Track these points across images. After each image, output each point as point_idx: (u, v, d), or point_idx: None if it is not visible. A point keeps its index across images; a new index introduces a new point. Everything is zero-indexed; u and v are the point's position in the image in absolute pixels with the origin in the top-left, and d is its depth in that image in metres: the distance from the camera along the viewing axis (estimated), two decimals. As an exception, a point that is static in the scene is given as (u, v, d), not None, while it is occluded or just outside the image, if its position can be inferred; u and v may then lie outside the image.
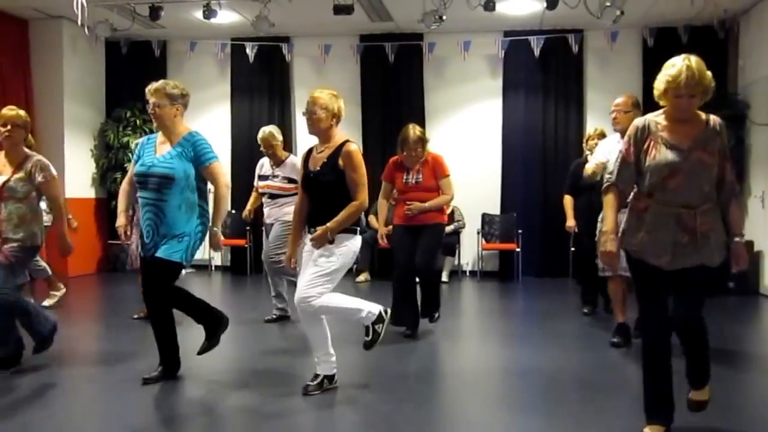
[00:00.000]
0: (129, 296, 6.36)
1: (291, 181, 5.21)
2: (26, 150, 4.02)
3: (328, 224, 3.33)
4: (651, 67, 7.78)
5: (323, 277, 3.33)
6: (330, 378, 3.51)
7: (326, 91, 3.47)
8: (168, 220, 3.52)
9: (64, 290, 6.14)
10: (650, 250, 2.75)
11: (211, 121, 9.02)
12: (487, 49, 8.41)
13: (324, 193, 3.43)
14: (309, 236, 3.43)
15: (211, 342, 3.75)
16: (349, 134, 9.05)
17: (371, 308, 3.45)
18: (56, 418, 3.22)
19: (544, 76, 8.43)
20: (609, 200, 2.85)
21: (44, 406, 3.38)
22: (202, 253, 8.92)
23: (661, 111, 2.82)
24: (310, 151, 3.58)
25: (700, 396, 2.93)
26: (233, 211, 8.65)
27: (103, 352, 4.61)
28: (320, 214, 3.40)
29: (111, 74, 9.03)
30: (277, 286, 5.42)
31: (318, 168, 3.44)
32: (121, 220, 3.78)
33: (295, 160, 5.29)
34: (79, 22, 5.69)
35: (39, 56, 8.17)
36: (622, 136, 4.20)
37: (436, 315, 4.99)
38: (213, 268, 8.98)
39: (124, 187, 3.86)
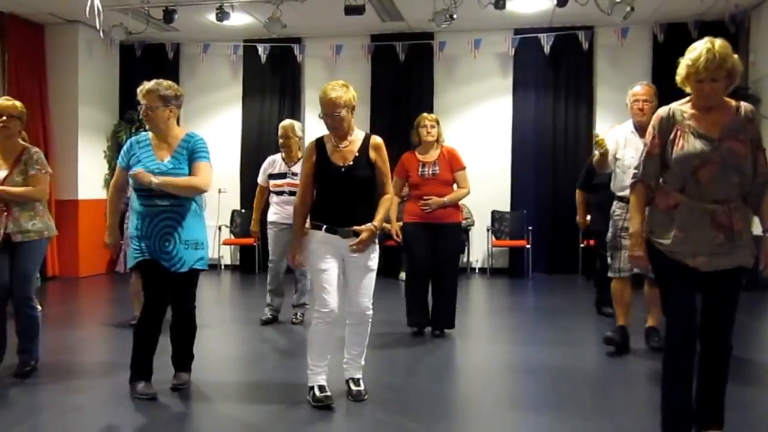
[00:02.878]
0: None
1: None
2: (22, 142, 3.88)
3: (374, 223, 3.25)
4: (661, 63, 7.80)
5: (374, 281, 3.36)
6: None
7: (337, 84, 3.28)
8: (187, 224, 3.41)
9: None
10: (686, 250, 2.56)
11: (223, 122, 9.14)
12: (497, 47, 8.44)
13: (357, 189, 3.29)
14: (326, 236, 3.25)
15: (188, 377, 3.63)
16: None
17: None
18: (65, 420, 3.25)
19: (554, 74, 8.44)
20: (636, 199, 2.70)
21: (49, 410, 3.39)
22: (213, 252, 9.04)
23: (686, 99, 2.66)
24: (321, 144, 3.37)
25: None
26: (242, 211, 8.75)
27: (108, 356, 4.68)
28: (350, 211, 3.27)
29: (125, 77, 9.13)
30: (299, 283, 5.30)
31: (350, 162, 3.29)
32: (113, 237, 3.54)
33: None
34: (97, 26, 5.77)
35: (55, 60, 8.30)
36: (639, 129, 4.11)
37: (447, 331, 4.83)
38: (222, 266, 9.08)
39: (113, 195, 3.56)
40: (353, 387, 3.40)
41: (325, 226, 3.28)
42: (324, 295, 3.25)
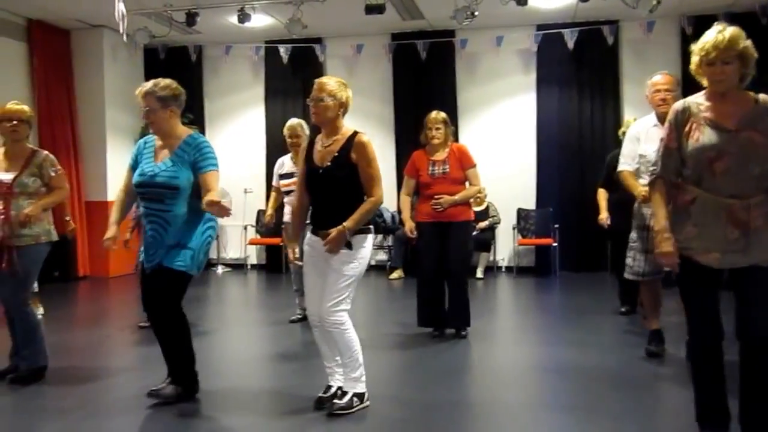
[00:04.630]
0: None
1: None
2: (29, 146, 3.88)
3: (345, 224, 3.02)
4: (690, 57, 7.59)
5: (348, 287, 3.09)
6: (360, 396, 3.19)
7: (334, 78, 3.22)
8: (173, 231, 3.23)
9: (41, 311, 5.41)
10: (698, 246, 2.51)
11: (246, 123, 9.20)
12: (519, 43, 8.35)
13: (334, 191, 3.13)
14: (311, 238, 3.19)
15: (176, 391, 3.34)
16: (381, 133, 9.10)
17: (364, 378, 3.22)
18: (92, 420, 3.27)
19: (578, 70, 8.32)
20: (657, 195, 2.64)
21: (76, 411, 3.40)
22: (239, 252, 9.11)
23: (701, 92, 2.63)
24: (311, 145, 3.26)
25: None
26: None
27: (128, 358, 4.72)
28: (329, 213, 3.10)
29: (149, 79, 9.20)
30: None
31: (328, 163, 3.13)
32: (111, 231, 3.36)
33: None
34: (121, 30, 5.85)
35: (81, 65, 8.45)
36: (661, 120, 3.93)
37: (464, 333, 4.76)
38: (249, 266, 9.13)
39: (119, 197, 3.49)
40: (335, 398, 3.19)
41: (310, 228, 3.22)
42: (306, 297, 3.27)
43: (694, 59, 2.55)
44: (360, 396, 3.20)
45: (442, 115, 4.79)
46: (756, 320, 2.49)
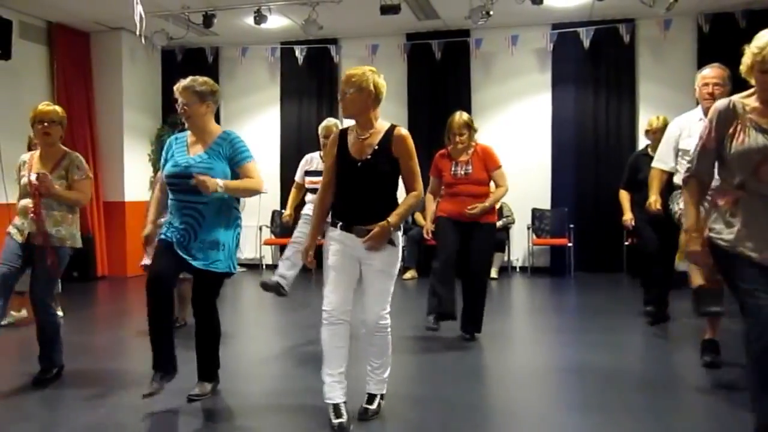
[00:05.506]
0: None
1: None
2: (63, 147, 3.84)
3: (389, 219, 2.92)
4: (707, 55, 7.50)
5: (392, 285, 3.03)
6: (383, 396, 3.20)
7: (362, 67, 3.03)
8: (207, 223, 3.26)
9: (25, 314, 5.32)
10: (750, 245, 2.46)
11: (262, 124, 9.27)
12: (535, 43, 8.33)
13: (373, 184, 3.01)
14: (341, 234, 3.02)
15: (214, 386, 3.45)
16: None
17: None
18: (103, 425, 3.27)
19: (594, 69, 8.28)
20: (690, 194, 2.60)
21: (85, 414, 3.36)
22: (254, 252, 9.17)
23: (749, 91, 2.54)
24: (344, 135, 3.10)
25: None
26: (282, 211, 8.80)
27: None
28: (364, 208, 2.99)
29: (166, 81, 9.34)
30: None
31: (368, 156, 3.00)
32: (148, 229, 3.46)
33: None
34: (138, 33, 5.92)
35: (100, 66, 8.57)
36: (707, 115, 3.90)
37: (469, 336, 4.69)
38: (264, 266, 9.19)
39: (156, 195, 3.54)
40: (364, 403, 3.12)
41: (340, 224, 3.05)
42: (326, 293, 3.04)
43: (747, 61, 2.46)
44: (383, 396, 3.19)
45: (465, 117, 4.67)
46: None
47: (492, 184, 4.70)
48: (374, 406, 3.12)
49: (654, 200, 4.38)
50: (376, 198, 3.02)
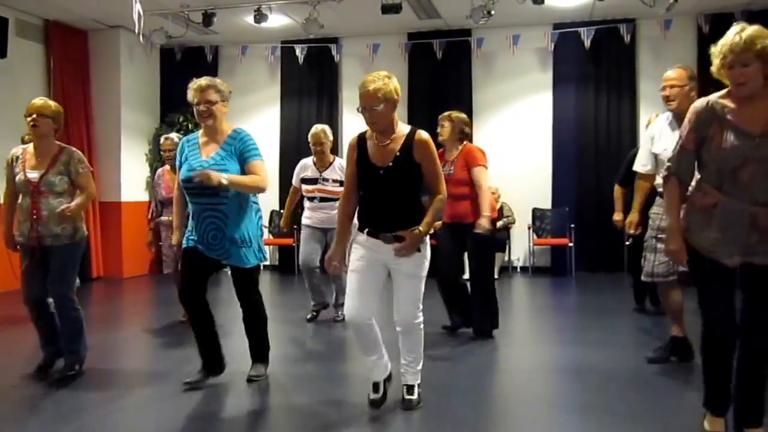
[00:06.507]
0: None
1: (342, 183, 5.15)
2: (59, 143, 3.81)
3: (420, 227, 2.97)
4: (707, 55, 7.44)
5: (422, 288, 3.11)
6: (419, 386, 3.31)
7: (378, 75, 2.99)
8: (232, 222, 3.40)
9: None
10: (723, 251, 2.48)
11: (261, 123, 9.21)
12: (536, 42, 8.31)
13: (396, 191, 3.03)
14: (368, 240, 3.06)
15: (264, 367, 3.73)
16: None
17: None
18: (109, 421, 3.25)
19: (595, 68, 8.27)
20: (670, 195, 2.62)
21: (94, 412, 3.37)
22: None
23: (726, 90, 2.52)
24: (362, 141, 3.12)
25: None
26: (281, 211, 8.77)
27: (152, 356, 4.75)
28: (389, 214, 3.03)
29: (165, 80, 9.30)
30: (325, 286, 5.37)
31: (390, 163, 3.01)
32: (176, 237, 3.58)
33: (342, 162, 5.11)
34: (136, 31, 5.89)
35: (98, 65, 8.51)
36: (677, 118, 3.74)
37: (474, 336, 4.70)
38: (262, 267, 9.13)
39: (177, 197, 3.62)
40: (405, 395, 3.24)
41: (367, 230, 3.08)
42: (348, 299, 3.09)
43: (715, 62, 2.47)
44: (419, 386, 3.29)
45: (449, 112, 4.66)
46: (763, 316, 2.53)
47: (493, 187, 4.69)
48: (415, 396, 3.24)
49: (630, 220, 4.31)
50: (401, 204, 3.05)
